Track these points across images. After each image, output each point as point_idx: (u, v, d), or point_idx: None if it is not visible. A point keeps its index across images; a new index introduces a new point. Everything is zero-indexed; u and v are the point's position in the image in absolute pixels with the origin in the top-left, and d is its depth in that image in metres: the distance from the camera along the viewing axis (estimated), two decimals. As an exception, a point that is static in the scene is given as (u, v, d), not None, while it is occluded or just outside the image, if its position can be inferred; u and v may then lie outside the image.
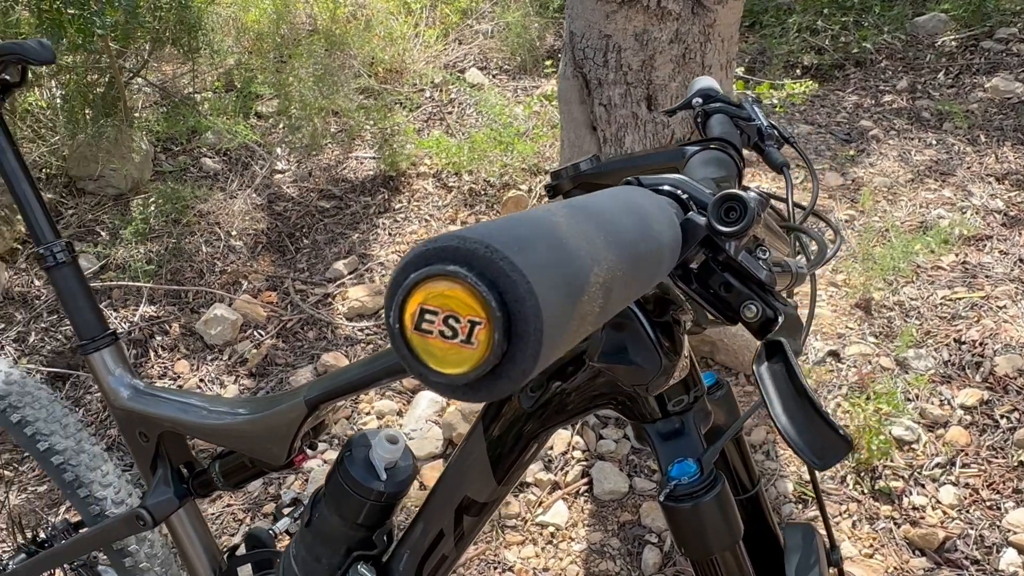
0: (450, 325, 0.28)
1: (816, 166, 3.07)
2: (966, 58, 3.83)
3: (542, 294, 0.27)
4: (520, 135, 3.32)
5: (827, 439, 0.41)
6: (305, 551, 0.91)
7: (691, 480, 0.60)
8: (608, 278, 0.31)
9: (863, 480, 1.85)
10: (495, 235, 0.28)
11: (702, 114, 0.83)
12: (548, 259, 0.28)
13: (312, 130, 3.31)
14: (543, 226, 0.30)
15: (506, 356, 0.27)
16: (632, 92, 2.12)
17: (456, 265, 0.27)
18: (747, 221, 0.40)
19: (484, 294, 0.27)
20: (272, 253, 2.89)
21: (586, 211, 0.33)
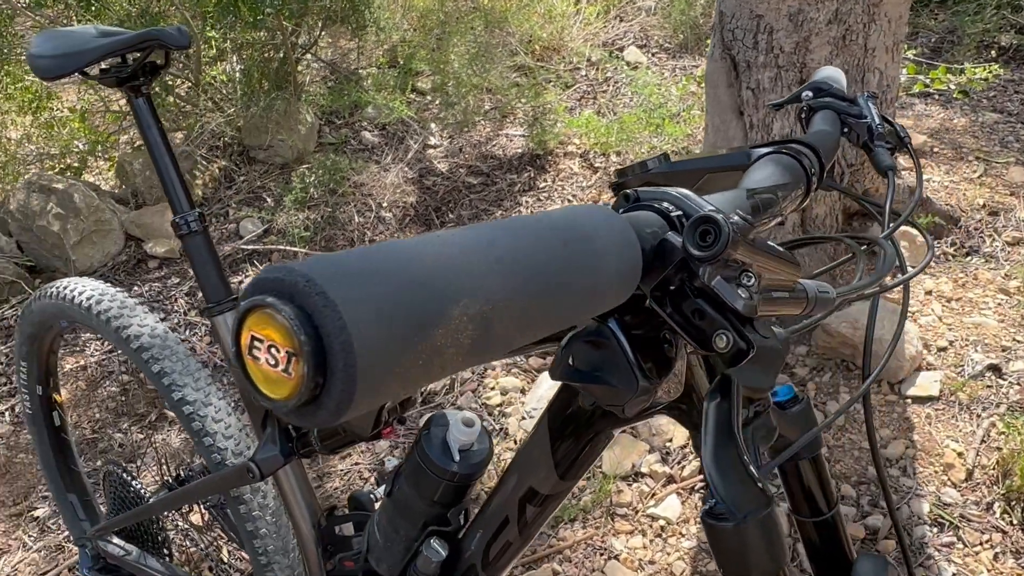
0: (272, 354, 0.29)
1: (1000, 159, 2.78)
2: None
3: (359, 329, 0.27)
4: (672, 116, 3.23)
5: (749, 492, 0.37)
6: (386, 521, 0.95)
7: (735, 500, 0.58)
8: (487, 310, 0.31)
9: (1013, 510, 1.68)
10: (325, 268, 0.28)
11: (807, 109, 0.78)
12: (379, 292, 0.28)
13: (465, 107, 3.38)
14: (391, 258, 0.29)
15: (323, 389, 0.28)
16: (783, 76, 2.02)
17: (276, 298, 0.28)
18: (720, 246, 0.37)
19: (295, 328, 0.28)
20: (418, 225, 3.00)
21: (488, 239, 0.32)
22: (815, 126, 0.73)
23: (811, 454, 0.74)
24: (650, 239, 0.41)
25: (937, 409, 1.92)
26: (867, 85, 2.06)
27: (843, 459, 1.85)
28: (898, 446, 1.85)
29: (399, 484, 0.93)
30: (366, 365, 0.27)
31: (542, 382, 2.18)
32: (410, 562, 0.94)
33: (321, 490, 2.05)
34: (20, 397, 1.58)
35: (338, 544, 1.15)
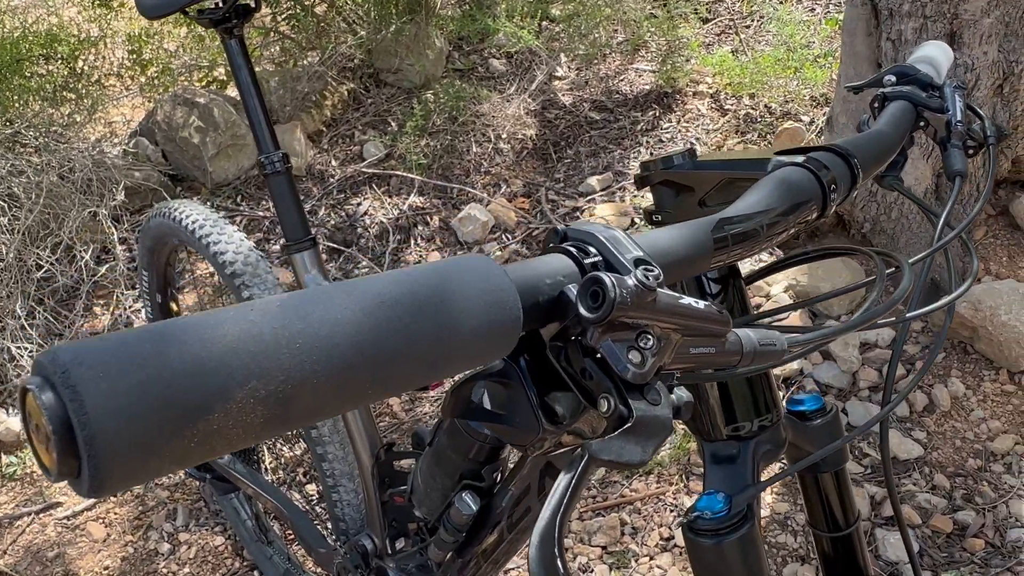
0: (38, 431, 0.30)
1: None
2: None
3: (106, 421, 0.27)
4: (814, 59, 3.02)
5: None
6: (426, 468, 0.99)
7: (715, 516, 0.56)
8: (282, 389, 0.31)
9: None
10: (86, 357, 0.28)
11: (882, 97, 0.71)
12: (140, 382, 0.28)
13: (595, 38, 3.29)
14: (170, 343, 0.29)
15: (80, 470, 0.29)
16: (929, 27, 1.83)
17: (39, 383, 0.29)
18: (603, 311, 0.35)
19: (47, 417, 0.29)
20: (535, 160, 2.99)
21: (278, 316, 0.32)
22: (880, 120, 0.66)
23: (835, 467, 0.71)
24: (549, 290, 0.39)
25: None
26: (1030, 41, 1.84)
27: (942, 447, 1.75)
28: (1006, 441, 1.72)
29: (439, 436, 0.96)
30: (112, 455, 0.28)
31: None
32: (446, 510, 0.99)
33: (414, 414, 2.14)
34: (143, 302, 1.73)
35: (394, 478, 1.22)
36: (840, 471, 0.71)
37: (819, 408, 0.69)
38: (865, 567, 0.72)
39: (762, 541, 0.58)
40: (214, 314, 0.33)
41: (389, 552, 1.24)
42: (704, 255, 0.46)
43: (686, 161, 0.59)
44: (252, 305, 0.34)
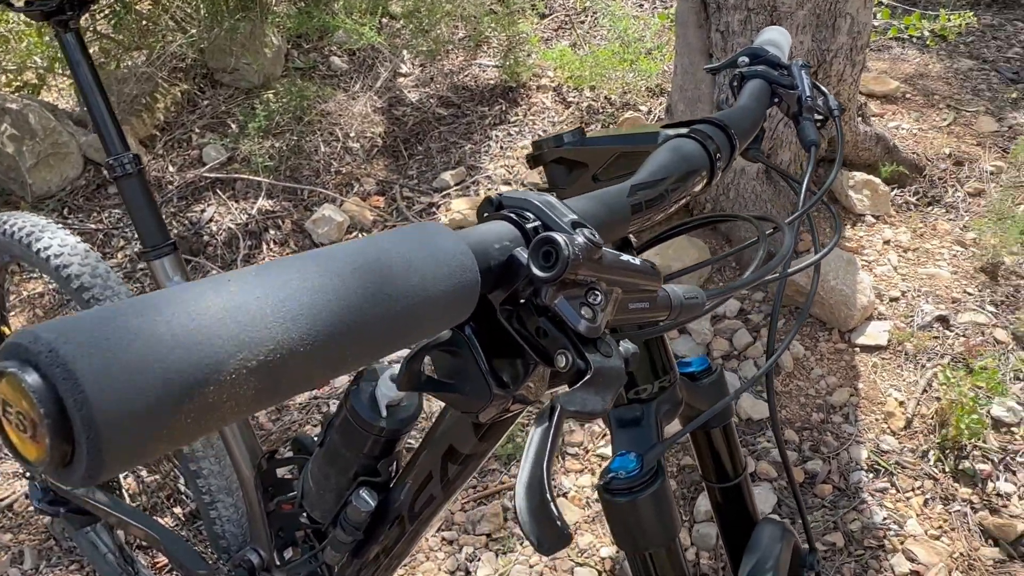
0: (20, 419, 0.29)
1: (971, 108, 2.77)
2: None
3: (103, 402, 0.26)
4: (647, 53, 3.17)
5: (551, 529, 0.39)
6: (318, 469, 0.97)
7: (629, 475, 0.59)
8: (271, 360, 0.30)
9: (946, 458, 1.74)
10: (80, 333, 0.27)
11: (739, 77, 0.77)
12: (132, 360, 0.27)
13: (437, 35, 3.30)
14: (154, 319, 0.29)
15: (73, 455, 0.27)
16: (753, 19, 1.98)
17: (21, 366, 0.28)
18: (558, 269, 0.37)
19: (36, 399, 0.27)
20: (386, 157, 2.96)
21: (259, 284, 0.31)
22: (742, 97, 0.72)
23: (723, 423, 0.76)
24: (498, 254, 0.41)
25: (884, 358, 1.97)
26: (838, 31, 2.03)
27: (789, 405, 1.90)
28: (843, 394, 1.90)
29: (331, 435, 0.94)
30: (113, 435, 0.27)
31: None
32: (342, 510, 0.97)
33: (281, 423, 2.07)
34: (-31, 329, 1.57)
35: (279, 486, 1.17)
36: (727, 426, 0.76)
37: (706, 369, 0.74)
38: (753, 511, 0.78)
39: (672, 494, 0.62)
40: (190, 287, 0.31)
41: (278, 563, 1.20)
42: (624, 219, 0.49)
43: (577, 139, 0.61)
44: (227, 276, 0.33)
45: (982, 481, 1.70)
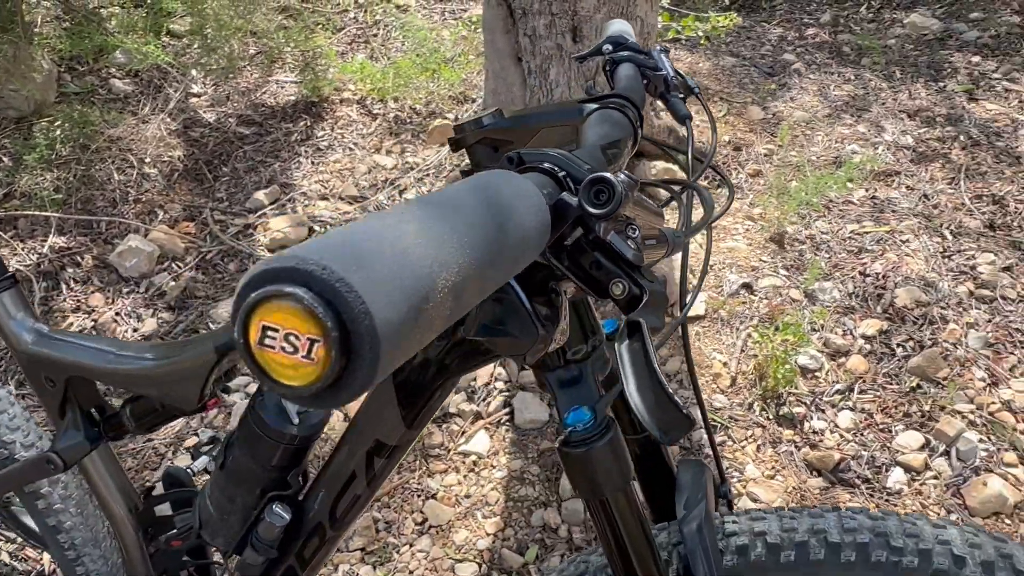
0: (290, 342, 0.29)
1: (739, 100, 3.11)
2: (888, -8, 3.90)
3: (378, 311, 0.28)
4: (447, 61, 3.25)
5: (672, 418, 0.44)
6: (219, 492, 0.92)
7: (585, 427, 0.64)
8: (458, 281, 0.33)
9: (769, 407, 1.95)
10: (334, 253, 0.29)
11: (611, 62, 0.84)
12: (389, 273, 0.29)
13: (229, 52, 3.17)
14: (387, 238, 0.31)
15: (345, 370, 0.29)
16: (557, 23, 2.10)
17: (294, 286, 0.29)
18: (615, 204, 0.42)
19: (320, 315, 0.29)
20: (189, 182, 2.80)
21: (440, 212, 0.34)
22: (622, 79, 0.79)
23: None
24: (546, 199, 0.43)
25: (704, 326, 2.16)
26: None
27: (630, 379, 2.04)
28: (675, 362, 2.06)
29: (232, 453, 0.90)
30: (387, 346, 0.28)
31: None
32: (250, 531, 0.93)
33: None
34: None
35: (160, 525, 1.10)
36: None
37: (615, 330, 0.79)
38: (669, 462, 0.85)
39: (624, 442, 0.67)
40: (382, 216, 0.31)
41: (165, 608, 1.12)
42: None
43: (498, 119, 0.64)
44: (399, 208, 0.35)
45: (800, 422, 1.92)
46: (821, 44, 3.54)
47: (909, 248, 2.39)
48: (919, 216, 2.52)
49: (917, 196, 2.61)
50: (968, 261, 2.35)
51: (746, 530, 0.75)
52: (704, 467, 0.79)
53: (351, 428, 0.84)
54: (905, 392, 1.98)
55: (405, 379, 0.77)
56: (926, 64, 3.35)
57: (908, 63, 3.37)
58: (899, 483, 1.80)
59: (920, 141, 2.89)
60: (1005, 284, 2.27)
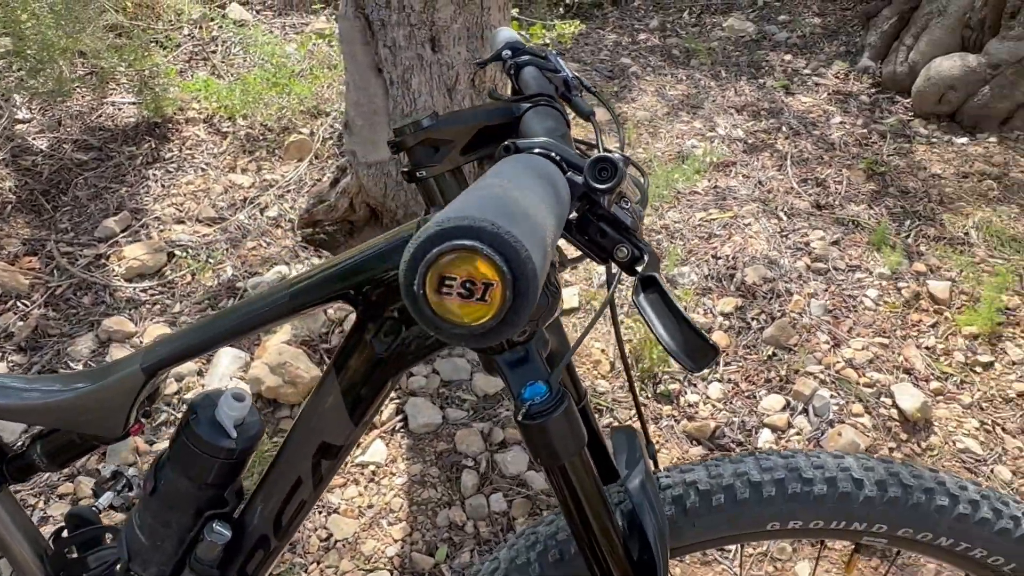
0: (467, 288, 0.34)
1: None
2: None
3: (535, 258, 0.33)
4: (295, 76, 3.20)
5: (701, 348, 0.50)
6: (151, 518, 0.90)
7: (543, 400, 0.68)
8: (553, 237, 0.38)
9: (647, 386, 2.08)
10: (492, 211, 0.34)
11: (514, 67, 0.89)
12: (530, 228, 0.34)
13: (57, 74, 2.97)
14: (517, 201, 0.35)
15: (511, 308, 0.33)
16: (416, 34, 2.14)
17: (471, 239, 0.33)
18: (618, 179, 0.48)
19: (498, 262, 0.33)
20: (26, 214, 2.61)
21: (528, 184, 0.39)
22: (530, 81, 0.84)
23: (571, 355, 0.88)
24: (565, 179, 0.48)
25: (580, 318, 2.27)
26: (486, 40, 2.28)
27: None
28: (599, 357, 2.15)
29: (164, 476, 0.88)
30: (539, 286, 0.32)
31: (219, 360, 2.10)
32: (187, 554, 0.91)
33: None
34: None
35: (73, 567, 1.04)
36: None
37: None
38: (598, 430, 0.92)
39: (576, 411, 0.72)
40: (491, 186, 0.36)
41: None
42: None
43: (436, 121, 0.68)
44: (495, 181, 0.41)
45: (676, 398, 2.06)
46: (653, 48, 3.79)
47: (751, 231, 2.62)
48: (757, 201, 2.76)
49: (753, 183, 2.86)
50: (803, 238, 2.61)
51: (679, 482, 0.83)
52: (635, 431, 0.86)
53: (293, 434, 0.85)
54: (763, 360, 2.17)
55: (352, 375, 0.79)
56: (746, 63, 3.66)
57: (731, 63, 3.67)
58: (768, 442, 1.98)
59: (749, 133, 3.16)
60: (835, 256, 2.54)
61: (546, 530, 0.84)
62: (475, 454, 1.91)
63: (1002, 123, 3.20)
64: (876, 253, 2.56)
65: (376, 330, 0.77)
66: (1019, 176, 2.93)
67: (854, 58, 3.66)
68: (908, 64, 3.38)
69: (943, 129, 3.24)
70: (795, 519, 0.81)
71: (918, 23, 3.45)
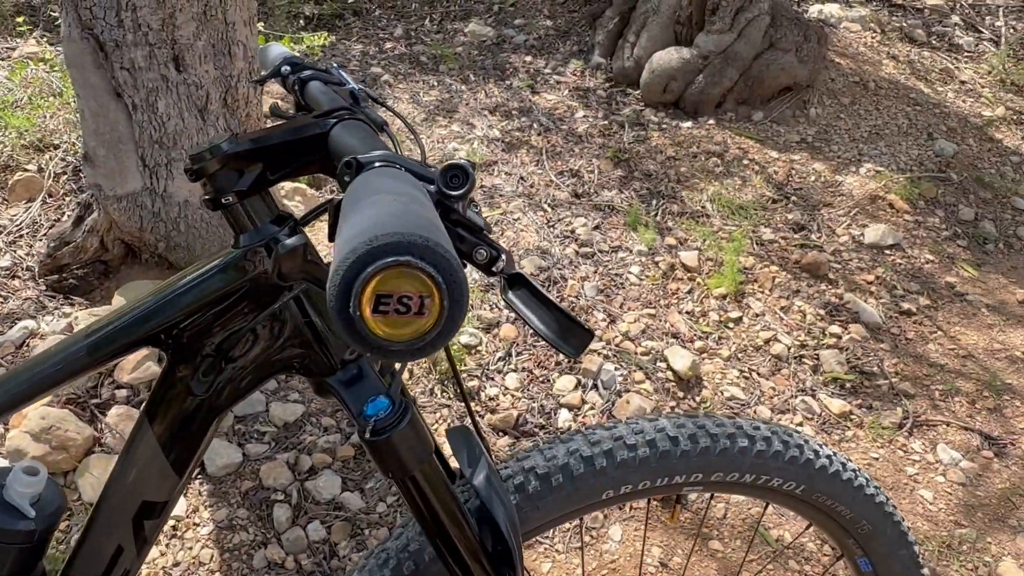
0: (403, 303, 0.33)
1: (342, 114, 3.23)
2: (444, 5, 4.33)
3: (459, 265, 0.33)
4: (11, 107, 2.86)
5: (576, 333, 0.52)
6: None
7: (387, 413, 0.68)
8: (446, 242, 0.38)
9: (448, 387, 2.11)
10: (413, 225, 0.34)
11: (298, 82, 0.87)
12: (443, 237, 0.34)
13: None
14: (419, 213, 0.36)
15: (449, 316, 0.33)
16: (157, 53, 2.00)
17: (405, 255, 0.32)
18: (470, 185, 0.49)
19: (433, 274, 0.33)
20: None
21: (412, 195, 0.39)
22: (319, 96, 0.82)
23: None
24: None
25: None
26: (235, 58, 2.18)
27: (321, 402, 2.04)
28: (353, 370, 2.12)
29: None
30: (469, 291, 0.32)
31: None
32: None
33: None
34: None
35: None
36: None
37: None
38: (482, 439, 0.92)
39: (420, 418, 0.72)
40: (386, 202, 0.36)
41: None
42: None
43: (236, 143, 0.65)
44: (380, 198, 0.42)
45: (477, 393, 2.12)
46: (401, 56, 3.82)
47: (521, 224, 2.74)
48: (522, 196, 2.90)
49: (516, 180, 2.99)
50: (568, 227, 2.78)
51: (518, 470, 0.86)
52: (468, 429, 0.88)
53: (106, 499, 0.77)
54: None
55: (170, 427, 0.74)
56: (492, 66, 3.82)
57: (478, 67, 3.80)
58: (567, 421, 2.09)
59: (505, 133, 3.30)
60: (598, 240, 2.73)
61: (396, 544, 0.84)
62: (284, 486, 1.83)
63: (717, 106, 3.62)
64: (633, 233, 2.79)
65: (192, 371, 0.72)
66: (736, 152, 3.33)
67: (587, 56, 3.95)
68: (634, 59, 3.70)
69: (670, 115, 3.59)
70: (626, 484, 0.87)
71: (637, 21, 3.80)
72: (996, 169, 3.54)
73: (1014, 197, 3.39)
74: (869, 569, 1.05)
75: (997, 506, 2.04)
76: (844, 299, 2.65)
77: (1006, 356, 2.58)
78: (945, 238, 3.10)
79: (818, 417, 2.24)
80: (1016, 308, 2.81)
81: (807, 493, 0.95)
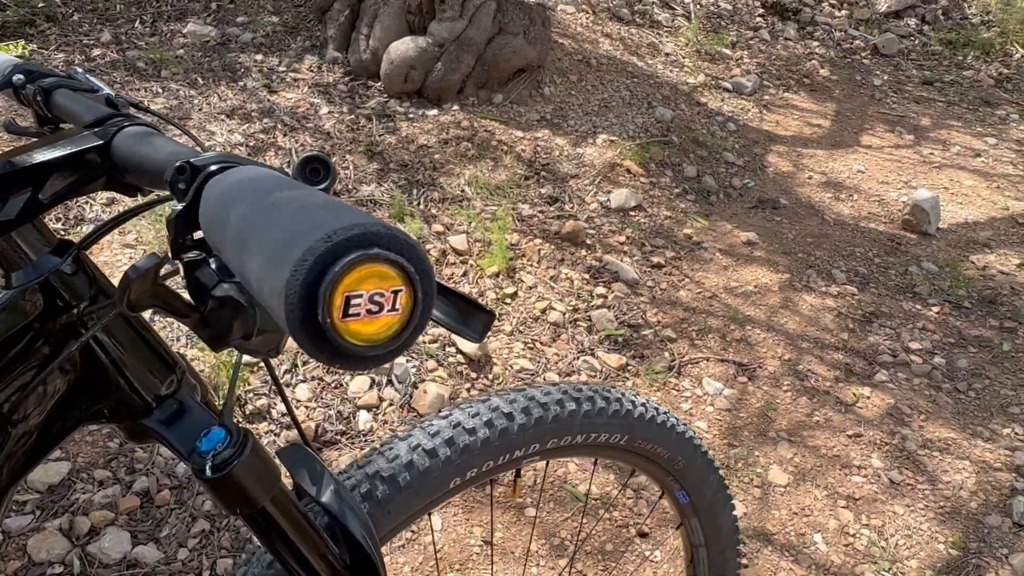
0: (375, 301, 0.29)
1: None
2: (155, 6, 3.99)
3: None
4: None
5: (477, 318, 0.49)
6: None
7: (226, 445, 0.62)
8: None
9: (237, 411, 1.97)
10: (362, 215, 0.30)
11: (40, 92, 0.76)
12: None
13: None
14: (346, 204, 0.32)
15: (421, 309, 0.30)
16: None
17: (373, 247, 0.28)
18: (332, 177, 0.44)
19: (404, 264, 0.29)
20: None
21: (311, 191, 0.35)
22: (74, 106, 0.72)
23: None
24: None
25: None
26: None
27: (81, 450, 1.82)
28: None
29: None
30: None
31: None
32: None
33: None
34: None
35: None
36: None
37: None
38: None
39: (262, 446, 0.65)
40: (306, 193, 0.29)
41: None
42: None
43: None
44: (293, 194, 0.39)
45: (268, 412, 2.00)
46: (114, 63, 3.47)
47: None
48: (279, 200, 2.76)
49: (269, 184, 2.85)
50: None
51: (362, 478, 0.83)
52: (301, 446, 0.82)
53: None
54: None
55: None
56: (220, 68, 3.59)
57: (205, 69, 3.55)
58: (367, 422, 2.05)
59: (248, 136, 3.13)
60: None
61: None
62: (61, 556, 1.62)
63: (459, 92, 3.70)
64: (401, 224, 2.78)
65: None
66: (485, 135, 3.43)
67: (321, 51, 3.84)
68: (371, 51, 3.67)
69: (415, 105, 3.61)
70: (471, 468, 0.87)
71: (368, 13, 3.76)
72: (707, 129, 3.97)
73: (724, 152, 3.83)
74: (687, 500, 1.14)
75: (758, 423, 2.32)
76: (603, 261, 2.84)
77: (741, 292, 2.92)
78: (676, 195, 3.43)
79: (600, 373, 2.39)
80: (742, 249, 3.19)
81: (630, 442, 1.01)
